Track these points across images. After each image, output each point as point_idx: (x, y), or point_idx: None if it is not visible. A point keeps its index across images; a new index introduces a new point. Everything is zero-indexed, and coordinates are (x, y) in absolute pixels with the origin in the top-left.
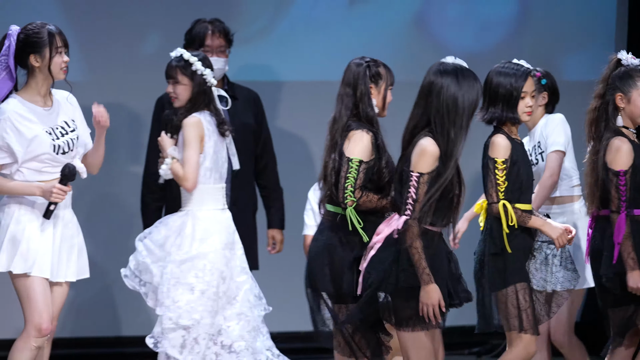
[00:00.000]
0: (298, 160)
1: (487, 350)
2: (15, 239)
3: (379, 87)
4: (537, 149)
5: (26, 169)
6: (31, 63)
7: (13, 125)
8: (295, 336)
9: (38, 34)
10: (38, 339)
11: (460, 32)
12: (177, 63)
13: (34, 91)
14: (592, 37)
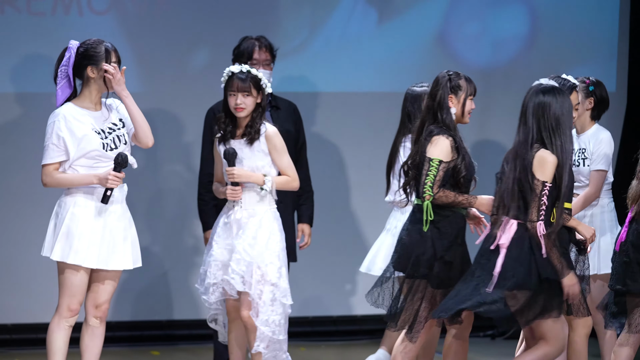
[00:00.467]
0: (331, 164)
1: (500, 333)
2: (70, 233)
3: (458, 97)
4: (582, 153)
5: (79, 166)
6: (87, 74)
7: (65, 125)
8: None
9: (96, 48)
10: (69, 319)
11: (476, 49)
12: (248, 77)
13: (86, 99)
14: (597, 52)
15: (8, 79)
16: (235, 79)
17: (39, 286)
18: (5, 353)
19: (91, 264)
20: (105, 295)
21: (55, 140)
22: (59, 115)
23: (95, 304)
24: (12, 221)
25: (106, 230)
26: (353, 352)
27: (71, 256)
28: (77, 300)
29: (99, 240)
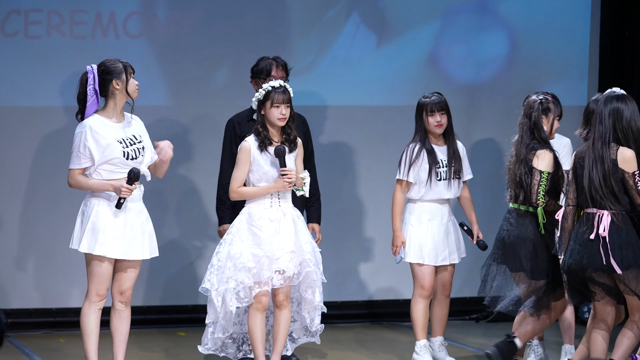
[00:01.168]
0: (336, 169)
1: (483, 316)
2: (95, 228)
3: (548, 117)
4: None
5: (102, 170)
6: (112, 87)
7: (91, 136)
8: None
9: (114, 65)
10: (98, 303)
11: (463, 68)
12: (287, 91)
13: (111, 111)
14: (569, 71)
15: (57, 93)
16: (277, 92)
17: (79, 274)
18: (50, 334)
19: (114, 254)
20: (128, 282)
21: (82, 149)
22: (86, 126)
23: (120, 291)
24: (57, 217)
25: (127, 226)
26: (355, 333)
27: (97, 248)
28: (104, 287)
29: (121, 234)
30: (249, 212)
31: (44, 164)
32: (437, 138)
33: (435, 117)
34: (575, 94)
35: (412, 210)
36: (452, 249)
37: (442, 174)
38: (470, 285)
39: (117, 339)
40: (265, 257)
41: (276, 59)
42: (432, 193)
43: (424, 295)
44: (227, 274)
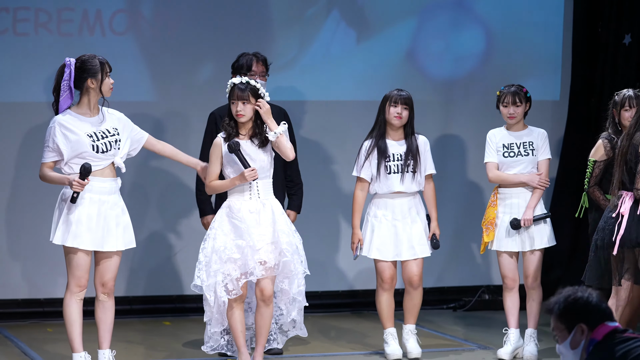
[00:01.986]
0: (317, 161)
1: (461, 305)
2: (69, 220)
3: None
4: (529, 145)
5: (73, 164)
6: (87, 85)
7: (60, 131)
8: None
9: (92, 62)
10: (79, 293)
11: (440, 63)
12: (247, 87)
13: (85, 106)
14: (543, 66)
15: (44, 89)
16: (236, 89)
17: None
18: (38, 324)
19: (87, 246)
20: (108, 273)
21: (51, 143)
22: (56, 122)
23: (102, 282)
24: (43, 209)
25: (100, 217)
26: (336, 322)
27: (70, 240)
28: (83, 278)
29: (94, 225)
30: (228, 204)
31: (30, 157)
32: (395, 131)
33: (397, 109)
34: (548, 89)
35: (371, 205)
36: (414, 243)
37: (392, 167)
38: (448, 274)
39: (101, 329)
40: (248, 248)
41: (256, 54)
42: (384, 187)
43: (384, 288)
44: (214, 268)
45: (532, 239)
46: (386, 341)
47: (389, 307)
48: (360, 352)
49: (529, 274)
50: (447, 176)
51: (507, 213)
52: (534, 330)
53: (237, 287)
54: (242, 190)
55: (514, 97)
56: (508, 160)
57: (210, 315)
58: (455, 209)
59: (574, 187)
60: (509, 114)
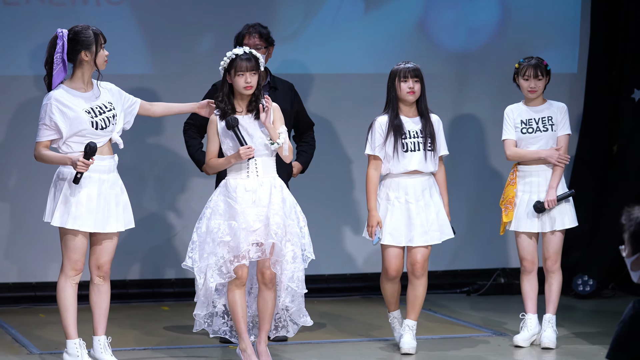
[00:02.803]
0: (323, 135)
1: (474, 289)
2: (68, 201)
3: None
4: (549, 120)
5: (72, 142)
6: (81, 57)
7: (57, 108)
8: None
9: (85, 34)
10: (74, 277)
11: (453, 35)
12: (252, 57)
13: (79, 80)
14: (561, 37)
15: (36, 62)
16: (242, 60)
17: (59, 247)
18: (30, 309)
19: (89, 228)
20: (105, 255)
21: (48, 121)
22: (52, 98)
23: (97, 265)
24: (36, 190)
25: (101, 197)
26: (343, 307)
27: (70, 222)
28: (80, 261)
29: (95, 206)
30: (225, 183)
31: (19, 134)
32: (409, 108)
33: (408, 83)
34: (566, 61)
35: (381, 187)
36: (427, 228)
37: (409, 145)
38: (462, 257)
39: (97, 314)
40: (240, 230)
41: (253, 25)
42: (400, 166)
43: (388, 278)
44: (207, 250)
45: (553, 219)
46: (391, 324)
47: (392, 294)
48: (369, 339)
49: (549, 256)
50: (461, 153)
51: (526, 192)
52: (552, 315)
53: (230, 270)
54: (240, 169)
55: (536, 70)
56: (527, 136)
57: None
58: (469, 188)
59: (595, 163)
60: (529, 88)
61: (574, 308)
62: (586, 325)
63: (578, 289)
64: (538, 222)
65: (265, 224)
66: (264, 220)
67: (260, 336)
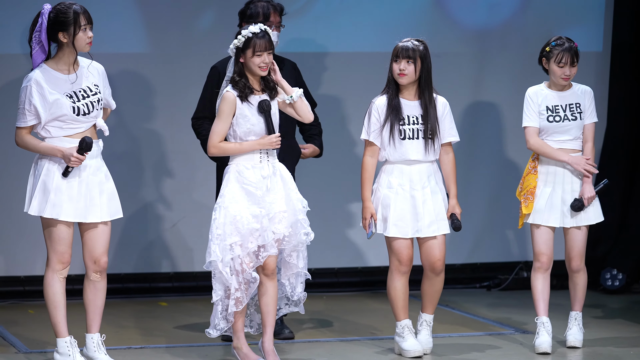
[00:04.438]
0: (333, 117)
1: (495, 284)
2: (46, 188)
3: None
4: (577, 107)
5: (51, 127)
6: (60, 39)
7: (37, 91)
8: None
9: (65, 14)
10: (62, 271)
11: (473, 10)
12: (269, 36)
13: (61, 61)
14: (586, 14)
15: (19, 40)
16: (260, 39)
17: None
18: (18, 304)
19: (68, 217)
20: (99, 248)
21: (27, 105)
22: (32, 80)
23: (93, 259)
24: (24, 178)
25: (82, 185)
26: (355, 302)
27: (47, 210)
28: (66, 253)
29: (75, 194)
30: (237, 169)
31: (3, 118)
32: (408, 90)
33: (400, 64)
34: (592, 39)
35: (381, 174)
36: (432, 219)
37: (407, 132)
38: (481, 250)
39: (90, 312)
40: (265, 217)
41: (272, 2)
42: (397, 154)
43: (401, 271)
44: (230, 241)
45: (577, 214)
46: (401, 335)
47: (404, 295)
48: (380, 337)
49: (574, 255)
50: (480, 138)
51: (549, 182)
52: (579, 313)
53: (257, 261)
54: (252, 153)
55: (573, 57)
56: (553, 125)
57: (221, 294)
58: (488, 176)
59: (623, 150)
60: (564, 75)
61: (602, 304)
62: (615, 323)
63: (606, 283)
64: (560, 216)
65: (281, 211)
66: (277, 208)
67: (266, 333)
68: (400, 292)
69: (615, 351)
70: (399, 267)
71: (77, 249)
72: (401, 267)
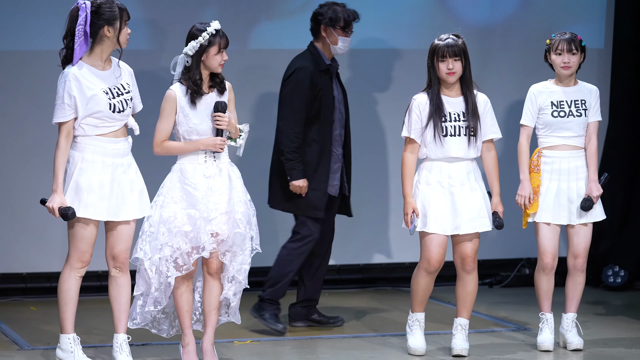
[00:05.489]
0: None
1: (497, 281)
2: (79, 187)
3: None
4: (582, 104)
5: (86, 124)
6: (102, 33)
7: (76, 85)
8: None
9: (111, 8)
10: (80, 270)
11: (475, 7)
12: (226, 36)
13: (97, 57)
14: (587, 11)
15: (35, 37)
16: (222, 37)
17: (51, 236)
18: (20, 301)
19: (101, 216)
20: (120, 244)
21: (67, 99)
22: (69, 74)
23: (112, 255)
24: (26, 174)
25: (114, 183)
26: (356, 299)
27: (81, 210)
28: (88, 252)
29: (108, 193)
30: (180, 168)
31: (13, 114)
32: (450, 88)
33: (447, 63)
34: (594, 36)
35: (421, 170)
36: (472, 216)
37: (450, 129)
38: (484, 246)
39: (116, 309)
40: (201, 219)
41: (346, 7)
42: (439, 151)
43: (428, 270)
44: (161, 240)
45: (581, 211)
46: (410, 326)
47: (425, 291)
48: (383, 334)
49: (579, 253)
50: None
51: (554, 180)
52: (575, 314)
53: (189, 262)
54: (197, 153)
55: (570, 44)
56: (557, 120)
57: (144, 289)
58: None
59: (625, 147)
60: (563, 63)
61: (604, 301)
62: (617, 320)
63: (608, 280)
64: (567, 213)
65: (222, 212)
66: (220, 209)
67: (207, 332)
68: (422, 287)
69: (617, 350)
70: (427, 267)
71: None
72: (430, 267)
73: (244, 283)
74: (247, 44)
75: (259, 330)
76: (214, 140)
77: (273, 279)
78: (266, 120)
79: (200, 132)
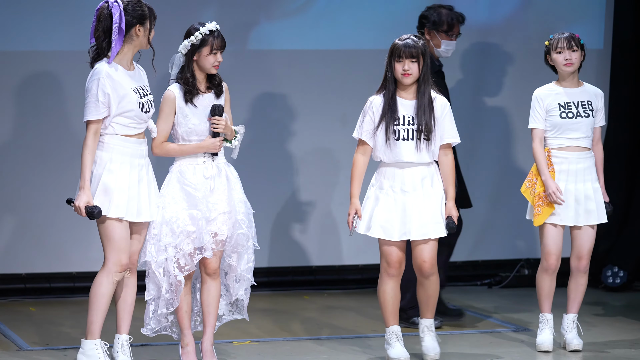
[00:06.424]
0: (333, 115)
1: (496, 282)
2: (108, 188)
3: None
4: (589, 105)
5: (116, 124)
6: (134, 32)
7: (109, 83)
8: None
9: (142, 8)
10: (118, 274)
11: (474, 7)
12: (222, 37)
13: (124, 57)
14: (587, 11)
15: (43, 38)
16: (216, 38)
17: (51, 237)
18: (19, 302)
19: (132, 217)
20: (135, 245)
21: (102, 96)
22: (102, 72)
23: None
24: (26, 174)
25: (141, 184)
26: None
27: (112, 210)
28: (125, 255)
29: (136, 193)
30: (179, 169)
31: (17, 114)
32: (407, 90)
33: (403, 64)
34: (593, 36)
35: (377, 174)
36: (427, 220)
37: (402, 132)
38: (483, 246)
39: (121, 309)
40: (203, 219)
41: (454, 10)
42: (391, 155)
43: (390, 274)
44: (165, 241)
45: (589, 212)
46: (388, 342)
47: (393, 300)
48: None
49: (583, 254)
50: (480, 135)
51: (562, 181)
52: (576, 315)
53: (192, 263)
54: (195, 154)
55: (570, 42)
56: (566, 122)
57: (155, 294)
58: (489, 174)
59: (624, 148)
60: (565, 60)
61: (603, 302)
62: (616, 321)
63: (607, 281)
64: (574, 214)
65: (222, 213)
66: (219, 209)
67: (206, 333)
68: (389, 296)
69: (616, 350)
70: (387, 269)
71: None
72: (389, 269)
73: (251, 280)
74: (247, 44)
75: (258, 331)
76: (213, 142)
77: None
78: (265, 121)
79: (200, 132)
